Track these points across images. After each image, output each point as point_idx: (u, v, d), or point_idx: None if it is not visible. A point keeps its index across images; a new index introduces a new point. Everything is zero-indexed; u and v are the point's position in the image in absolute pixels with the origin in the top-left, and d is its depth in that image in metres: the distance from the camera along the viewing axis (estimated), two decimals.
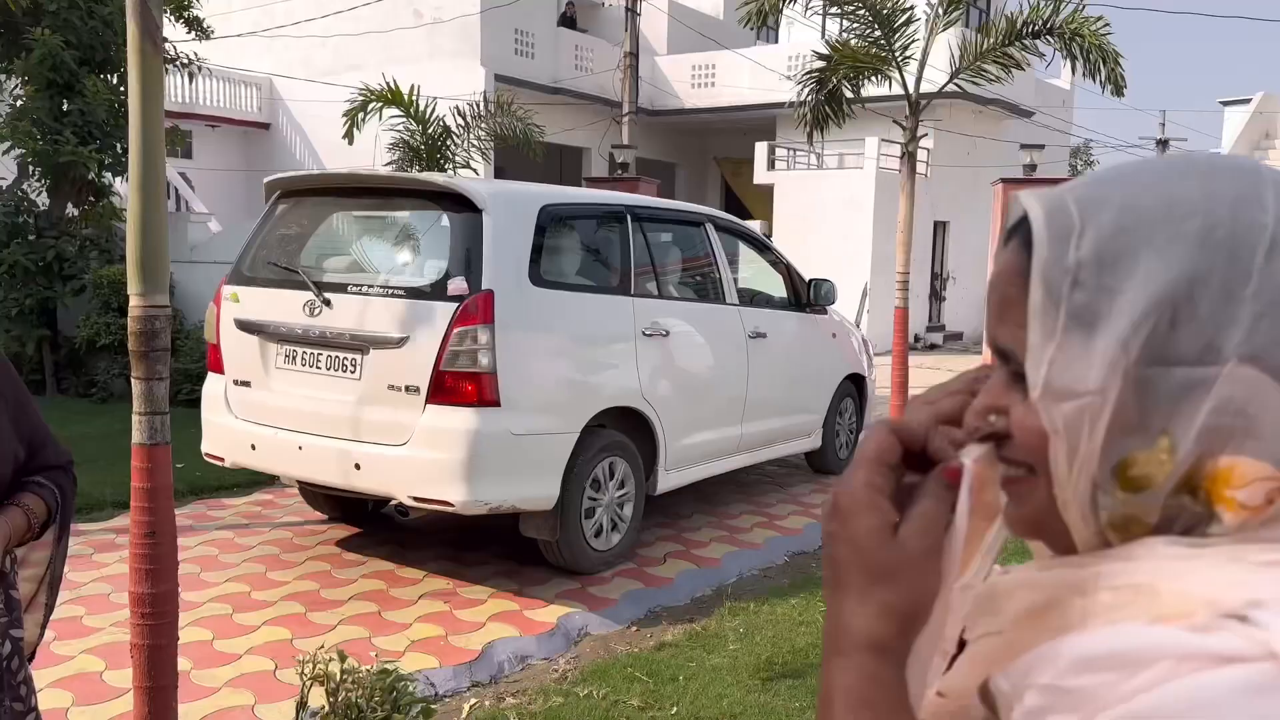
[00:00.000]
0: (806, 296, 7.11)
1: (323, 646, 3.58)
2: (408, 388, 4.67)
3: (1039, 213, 0.67)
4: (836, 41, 6.33)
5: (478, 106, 8.75)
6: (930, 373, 13.86)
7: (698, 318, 6.02)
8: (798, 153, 20.34)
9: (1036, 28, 5.71)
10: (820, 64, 6.51)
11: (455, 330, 4.57)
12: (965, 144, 19.04)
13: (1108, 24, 5.58)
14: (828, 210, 18.38)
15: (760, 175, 19.80)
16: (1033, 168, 8.89)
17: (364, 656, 4.19)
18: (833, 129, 6.95)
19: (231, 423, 5.31)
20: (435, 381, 4.61)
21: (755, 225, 19.81)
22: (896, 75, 6.09)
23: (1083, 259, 0.64)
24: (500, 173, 18.53)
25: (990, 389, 0.72)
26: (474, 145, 8.84)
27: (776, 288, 7.10)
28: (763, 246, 7.16)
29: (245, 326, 5.21)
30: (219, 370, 5.42)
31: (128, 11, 2.44)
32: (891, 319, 8.61)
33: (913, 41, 5.96)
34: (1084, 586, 0.65)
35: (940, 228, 20.35)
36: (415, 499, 4.74)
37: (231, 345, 5.30)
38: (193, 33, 12.25)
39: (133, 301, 2.78)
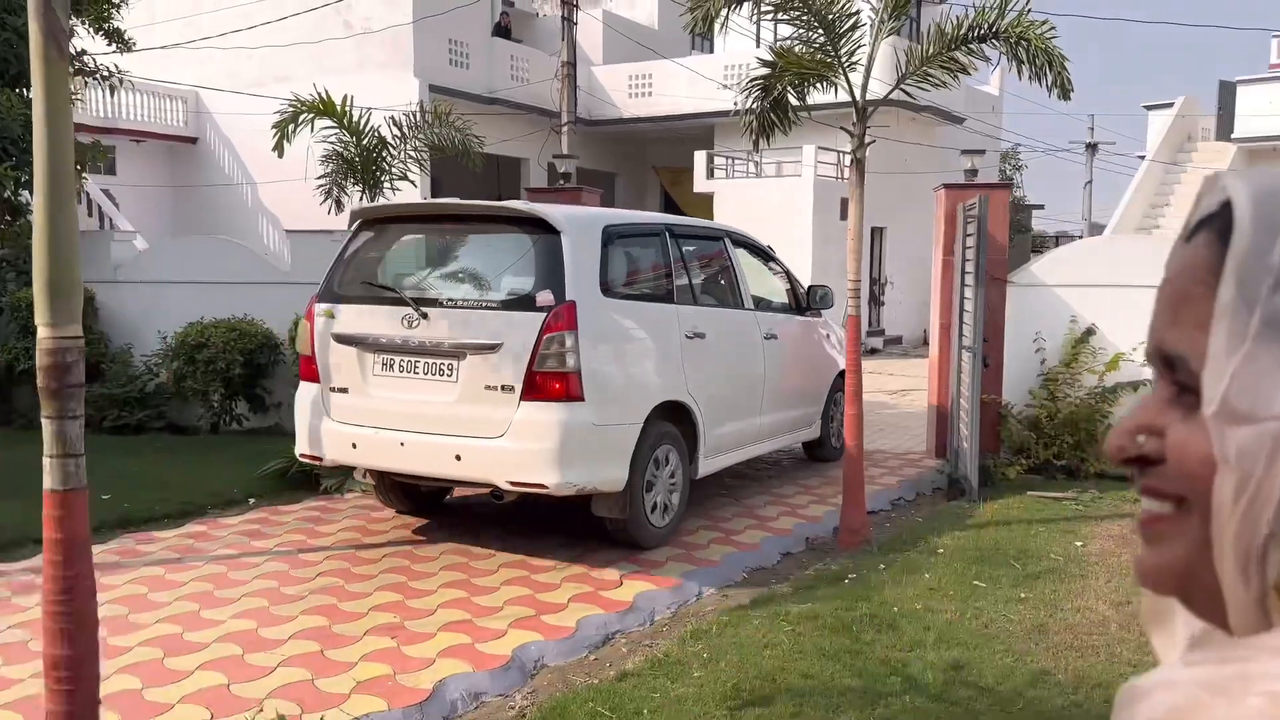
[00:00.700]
0: (806, 301, 7.91)
1: (260, 710, 3.34)
2: (503, 387, 5.30)
3: (1244, 196, 0.56)
4: (780, 47, 6.21)
5: (414, 116, 8.48)
6: (873, 377, 13.86)
7: (724, 322, 6.75)
8: (736, 161, 20.33)
9: (982, 31, 5.66)
10: (764, 71, 6.39)
11: (545, 336, 5.23)
12: (899, 150, 19.17)
13: (1053, 27, 5.56)
14: (768, 218, 18.35)
15: (700, 184, 19.76)
16: (974, 173, 8.88)
17: (306, 701, 3.94)
18: (772, 137, 6.86)
19: (330, 425, 5.81)
20: (528, 381, 5.25)
21: None
22: (843, 81, 5.99)
23: None
24: (436, 184, 18.22)
25: (1145, 404, 0.62)
26: (411, 156, 8.57)
27: (778, 293, 7.82)
28: (768, 257, 7.84)
29: (343, 339, 5.78)
30: (314, 379, 5.91)
31: (30, 13, 2.20)
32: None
33: (859, 47, 5.87)
34: (1229, 687, 0.52)
35: (876, 234, 20.50)
36: (513, 484, 5.33)
37: (327, 355, 5.84)
38: (114, 45, 11.79)
39: (41, 333, 2.52)
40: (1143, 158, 22.01)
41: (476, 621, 4.78)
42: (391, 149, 8.43)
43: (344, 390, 5.77)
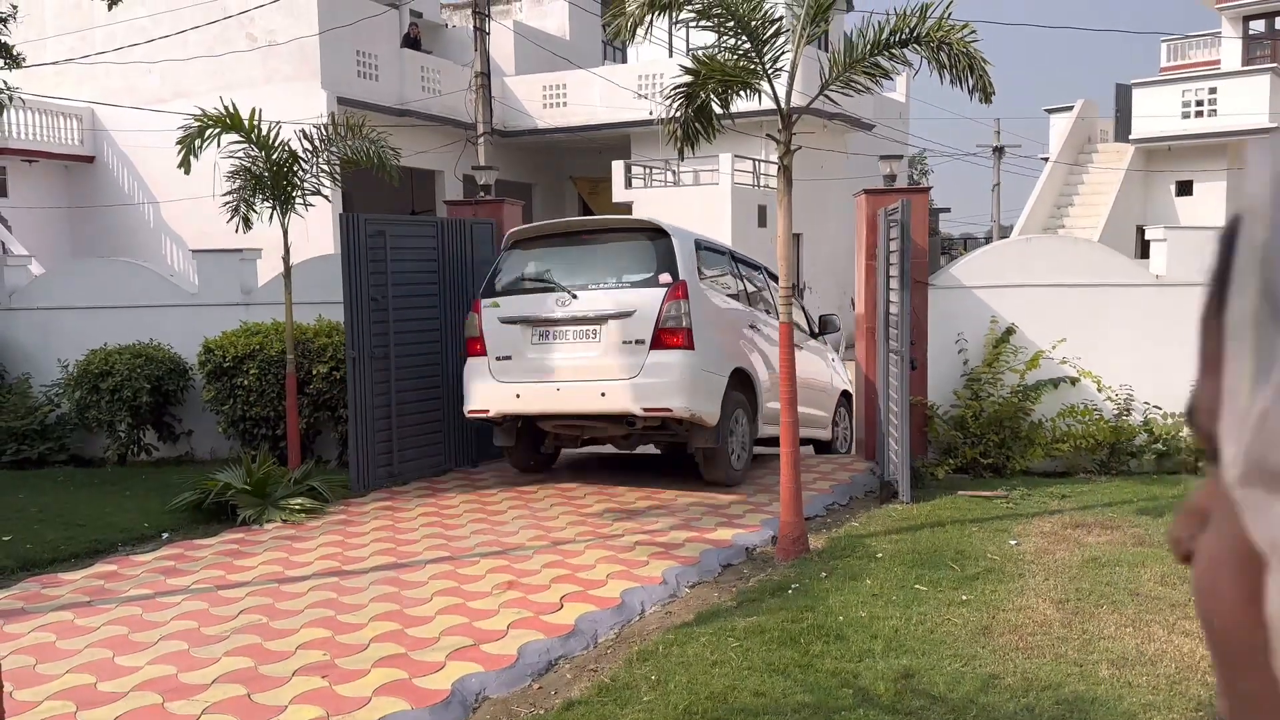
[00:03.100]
0: (818, 328, 9.65)
1: None
2: (636, 341, 7.24)
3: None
4: (704, 55, 6.15)
5: (326, 129, 8.20)
6: None
7: (768, 325, 8.52)
8: (654, 170, 20.33)
9: (904, 36, 5.67)
10: (687, 78, 6.32)
11: (667, 303, 7.22)
12: (813, 157, 19.40)
13: (974, 31, 5.60)
14: (687, 225, 18.36)
15: (619, 193, 19.70)
16: (893, 178, 8.96)
17: None
18: (697, 145, 6.80)
19: (495, 385, 7.59)
20: (655, 336, 7.21)
21: None
22: (767, 88, 5.95)
23: None
24: (347, 199, 17.81)
25: (1203, 485, 0.46)
26: (323, 170, 8.29)
27: (798, 319, 9.29)
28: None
29: (507, 320, 7.62)
30: (480, 353, 7.71)
31: None
32: None
33: (782, 53, 5.83)
34: None
35: (794, 240, 20.71)
36: (645, 410, 7.19)
37: (493, 334, 7.65)
38: (2, 61, 11.20)
39: None
40: (1046, 159, 22.65)
41: (412, 654, 4.58)
42: (303, 163, 8.15)
43: (507, 358, 7.56)
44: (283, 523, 7.14)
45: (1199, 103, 19.51)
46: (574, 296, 7.41)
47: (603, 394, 7.18)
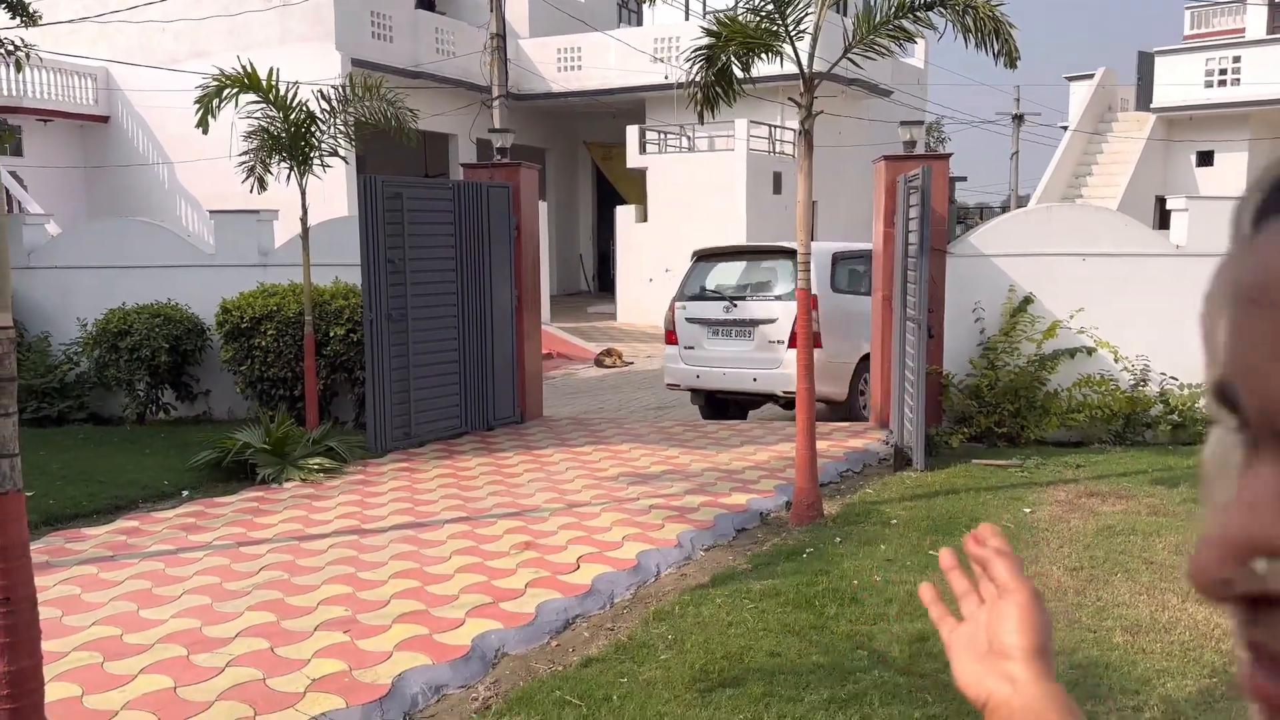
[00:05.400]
0: None
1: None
2: (778, 341, 9.34)
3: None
4: (725, 16, 6.10)
5: (344, 90, 8.17)
6: None
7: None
8: (668, 136, 20.21)
9: None
10: (708, 41, 6.27)
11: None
12: (830, 124, 19.23)
13: None
14: (701, 192, 18.32)
15: (633, 159, 19.60)
16: (913, 144, 8.90)
17: (259, 702, 3.78)
18: (707, 111, 6.75)
19: (684, 367, 9.95)
20: (792, 337, 8.98)
21: (630, 210, 19.60)
22: (789, 51, 5.90)
23: None
24: (361, 162, 17.77)
25: (1251, 494, 0.38)
26: (340, 132, 8.26)
27: None
28: None
29: (691, 320, 9.91)
30: (674, 342, 10.03)
31: None
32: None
33: (805, 15, 5.78)
34: None
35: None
36: (785, 392, 8.90)
37: (682, 329, 9.95)
38: (17, 18, 11.16)
39: None
40: (1065, 128, 22.42)
41: (432, 611, 4.64)
42: (321, 124, 8.13)
43: (691, 348, 9.88)
44: (301, 482, 7.21)
45: (1222, 71, 19.26)
46: (734, 305, 9.67)
47: (754, 379, 9.50)
